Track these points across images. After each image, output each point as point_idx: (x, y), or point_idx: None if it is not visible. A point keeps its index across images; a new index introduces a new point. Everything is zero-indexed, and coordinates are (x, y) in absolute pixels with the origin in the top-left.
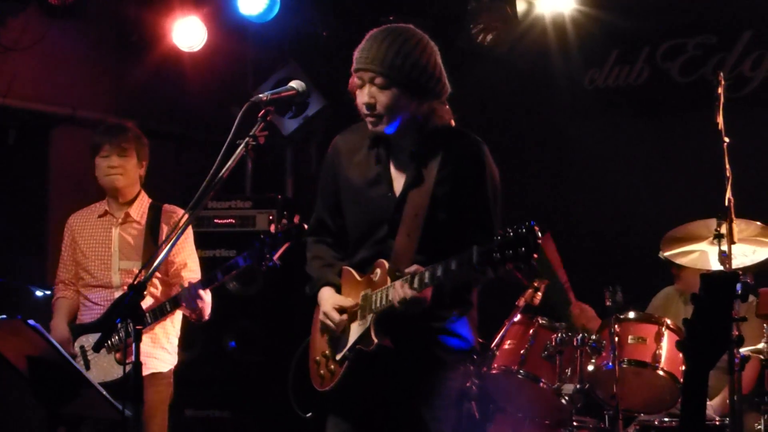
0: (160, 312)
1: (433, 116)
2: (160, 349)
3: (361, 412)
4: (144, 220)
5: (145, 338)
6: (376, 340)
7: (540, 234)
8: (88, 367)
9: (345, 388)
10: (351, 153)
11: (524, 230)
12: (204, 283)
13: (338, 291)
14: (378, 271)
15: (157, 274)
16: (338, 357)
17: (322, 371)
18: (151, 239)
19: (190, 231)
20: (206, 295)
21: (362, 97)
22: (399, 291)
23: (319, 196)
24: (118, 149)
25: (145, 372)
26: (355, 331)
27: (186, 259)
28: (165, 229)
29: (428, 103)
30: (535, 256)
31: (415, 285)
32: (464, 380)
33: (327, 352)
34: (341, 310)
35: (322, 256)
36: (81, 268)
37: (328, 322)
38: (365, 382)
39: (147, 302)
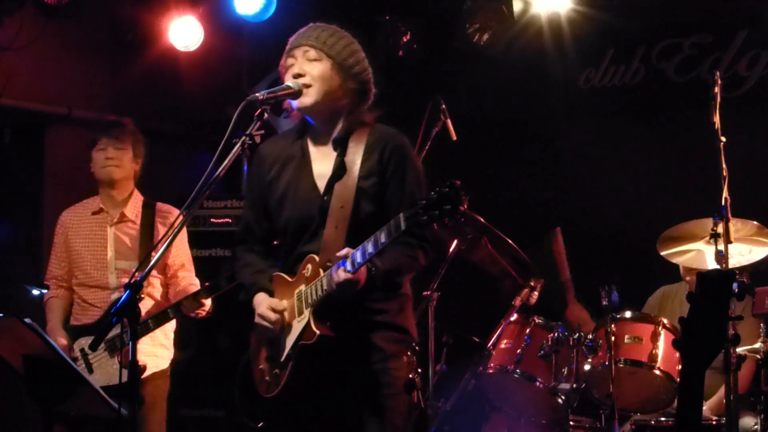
0: (163, 318)
1: (356, 111)
2: (160, 347)
3: (310, 413)
4: (139, 220)
5: (146, 339)
6: (317, 331)
7: (463, 191)
8: (90, 371)
9: (292, 390)
10: (275, 159)
11: (447, 188)
12: (207, 292)
13: (271, 296)
14: (309, 266)
15: (158, 275)
16: (282, 358)
17: (267, 377)
18: (147, 239)
19: (184, 231)
20: (207, 301)
21: (292, 71)
22: (333, 275)
23: (246, 204)
24: (114, 142)
25: (149, 372)
26: (296, 328)
27: (183, 259)
28: (161, 230)
29: (354, 95)
30: (462, 208)
31: (348, 267)
32: (408, 370)
33: (269, 357)
34: (276, 311)
35: (251, 263)
36: (75, 267)
37: (265, 323)
38: (311, 380)
39: (147, 304)
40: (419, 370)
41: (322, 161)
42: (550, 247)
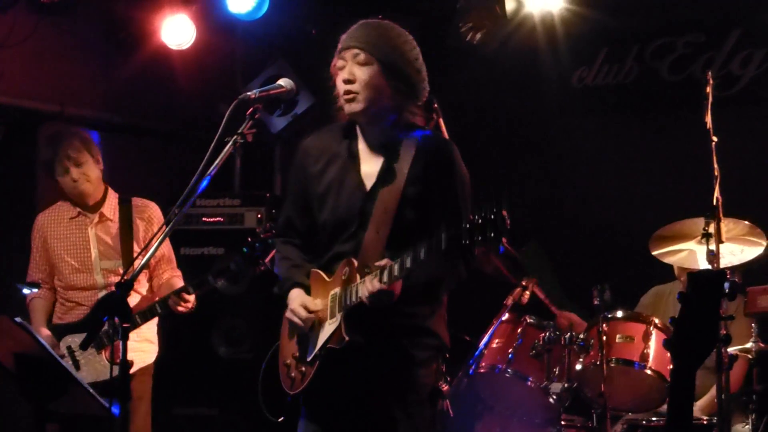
0: (150, 313)
1: (407, 114)
2: (145, 342)
3: (333, 413)
4: (116, 217)
5: (132, 334)
6: (347, 337)
7: (507, 218)
8: (78, 367)
9: (316, 390)
10: (320, 153)
11: (492, 215)
12: (194, 287)
13: (307, 292)
14: (347, 269)
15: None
16: (309, 358)
17: (292, 374)
18: (127, 235)
19: (161, 220)
20: (191, 297)
21: (342, 75)
22: (368, 285)
23: (288, 198)
24: (72, 162)
25: (135, 368)
26: (326, 330)
27: (164, 250)
28: (140, 224)
29: (404, 97)
30: (504, 240)
31: (384, 279)
32: (437, 378)
33: (297, 354)
34: (308, 310)
35: (290, 257)
36: (59, 272)
37: (296, 320)
38: (336, 382)
39: (134, 299)
40: (449, 379)
41: (369, 163)
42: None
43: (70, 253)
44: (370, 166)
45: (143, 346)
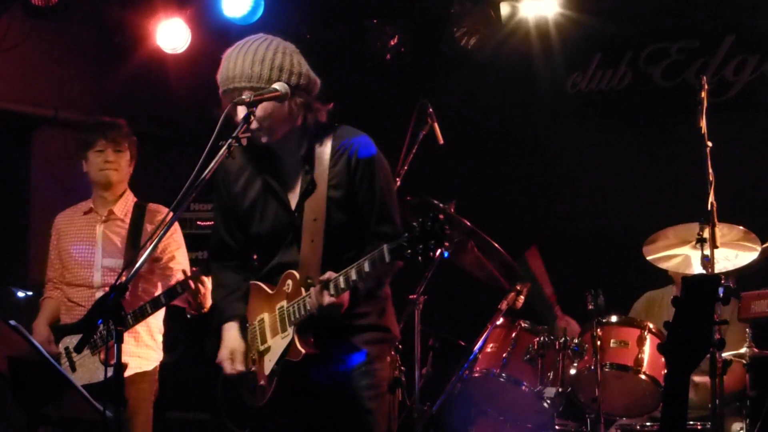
0: (153, 305)
1: (311, 114)
2: (144, 348)
3: (297, 418)
4: (128, 218)
5: (128, 338)
6: (303, 351)
7: (447, 225)
8: (74, 369)
9: (278, 401)
10: (241, 170)
11: (430, 223)
12: (203, 271)
13: (242, 321)
14: (289, 282)
15: (149, 272)
16: (267, 372)
17: (253, 390)
18: (134, 238)
19: (177, 225)
20: (207, 282)
21: (238, 115)
22: (316, 299)
23: (216, 219)
24: (113, 144)
25: (130, 372)
26: (279, 345)
27: (174, 251)
28: (149, 229)
29: (301, 102)
30: (446, 244)
31: (332, 291)
32: (392, 369)
33: (253, 368)
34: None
35: (225, 283)
36: (64, 266)
37: (226, 367)
38: (296, 390)
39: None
40: (402, 368)
41: (290, 178)
42: (527, 265)
43: (76, 247)
44: (292, 182)
45: (141, 352)
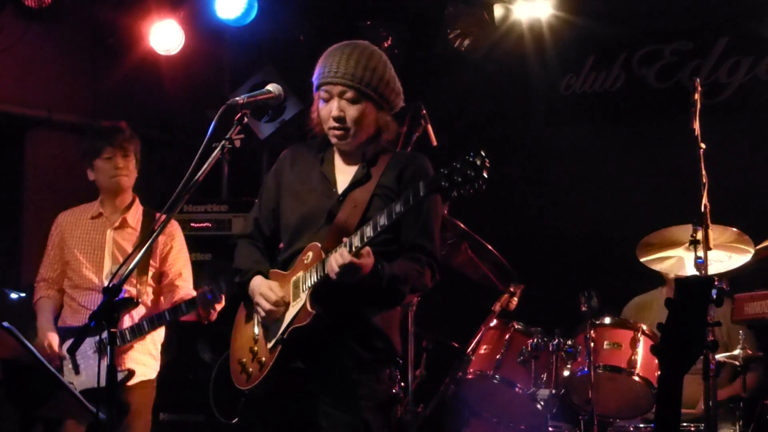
0: (173, 313)
1: (385, 130)
2: (148, 356)
3: (284, 412)
4: (139, 227)
5: (136, 345)
6: (312, 311)
7: (488, 158)
8: (78, 372)
9: (270, 384)
10: (299, 161)
11: (471, 156)
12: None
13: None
14: (310, 253)
15: (152, 282)
16: (271, 344)
17: (249, 368)
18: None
19: (182, 239)
20: (218, 306)
21: (329, 110)
22: (336, 257)
23: (259, 200)
24: (121, 150)
25: (136, 380)
26: (290, 313)
27: (181, 268)
28: (160, 239)
29: (386, 119)
30: (485, 175)
31: (356, 243)
32: (390, 386)
33: (254, 347)
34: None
35: (251, 254)
36: (70, 269)
37: (264, 304)
38: (289, 391)
39: (140, 311)
40: (402, 384)
41: (343, 173)
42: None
43: (83, 251)
44: (343, 176)
45: (145, 360)
